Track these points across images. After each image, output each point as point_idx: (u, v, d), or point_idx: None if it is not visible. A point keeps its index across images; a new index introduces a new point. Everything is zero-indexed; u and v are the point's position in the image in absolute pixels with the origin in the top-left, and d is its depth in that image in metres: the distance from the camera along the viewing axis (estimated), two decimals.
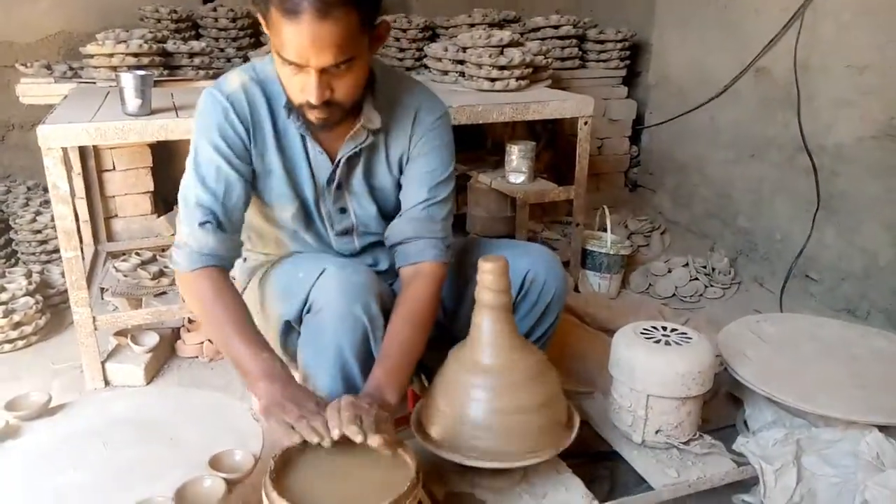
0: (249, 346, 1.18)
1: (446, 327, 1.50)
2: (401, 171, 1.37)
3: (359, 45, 1.13)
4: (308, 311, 1.27)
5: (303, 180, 1.33)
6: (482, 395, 1.19)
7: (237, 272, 1.56)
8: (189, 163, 1.28)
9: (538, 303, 1.43)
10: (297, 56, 1.10)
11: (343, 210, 1.38)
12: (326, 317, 1.23)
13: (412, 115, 1.34)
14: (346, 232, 1.41)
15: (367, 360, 1.27)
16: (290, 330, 1.35)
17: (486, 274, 1.19)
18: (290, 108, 1.24)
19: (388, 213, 1.40)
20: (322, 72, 1.12)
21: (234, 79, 1.28)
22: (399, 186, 1.38)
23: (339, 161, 1.31)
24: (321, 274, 1.26)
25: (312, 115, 1.20)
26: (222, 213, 1.26)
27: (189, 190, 1.26)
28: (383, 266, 1.48)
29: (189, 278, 1.26)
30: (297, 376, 1.34)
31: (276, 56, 1.15)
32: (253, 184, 1.32)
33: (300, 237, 1.42)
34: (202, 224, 1.24)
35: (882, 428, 1.35)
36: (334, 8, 1.05)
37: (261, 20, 1.16)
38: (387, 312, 1.27)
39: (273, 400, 1.10)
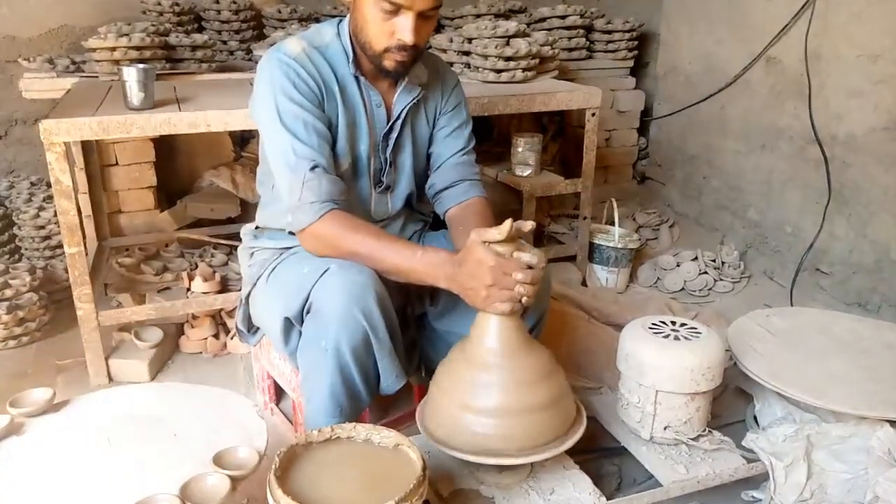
0: (408, 248, 1.25)
1: (433, 325, 1.51)
2: (433, 125, 1.51)
3: None
4: (308, 312, 1.27)
5: (360, 136, 1.41)
6: (489, 391, 1.19)
7: (245, 270, 1.55)
8: (273, 124, 1.30)
9: None
10: None
11: (391, 164, 1.46)
12: (326, 318, 1.23)
13: (438, 75, 1.50)
14: (388, 188, 1.47)
15: (366, 362, 1.27)
16: (290, 327, 1.34)
17: None
18: (357, 62, 1.36)
19: (416, 167, 1.51)
20: (418, 15, 1.24)
21: (294, 45, 1.35)
22: (429, 138, 1.51)
23: (401, 112, 1.42)
24: (324, 273, 1.25)
25: (393, 60, 1.30)
26: (322, 160, 1.30)
27: (286, 149, 1.29)
28: (396, 231, 1.52)
29: (317, 229, 1.28)
30: (297, 377, 1.33)
31: (371, 1, 1.25)
32: None
33: None
34: (312, 169, 1.27)
35: (894, 423, 1.34)
36: None
37: None
38: (387, 313, 1.27)
39: (469, 279, 1.16)
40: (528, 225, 1.17)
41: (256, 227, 1.55)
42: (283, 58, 1.31)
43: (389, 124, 1.42)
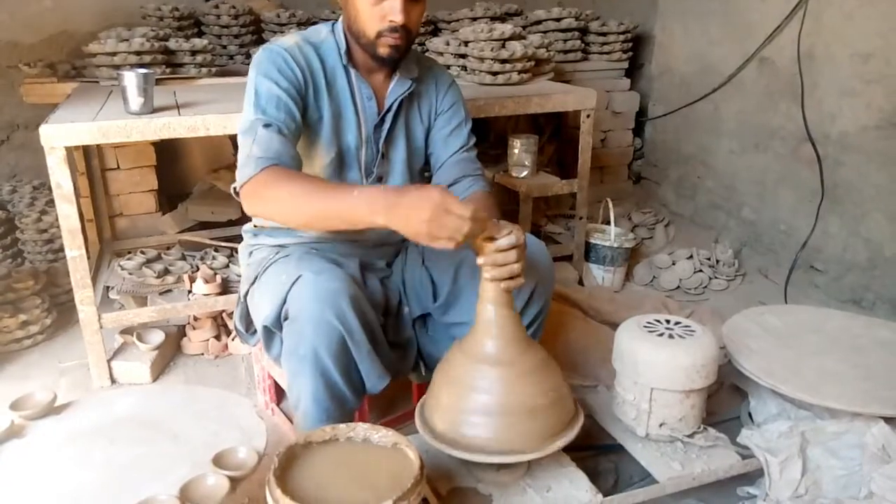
0: (345, 187, 1.19)
1: (438, 319, 1.51)
2: (429, 123, 1.54)
3: None
4: (286, 318, 1.29)
5: (348, 127, 1.43)
6: (486, 389, 1.20)
7: (244, 269, 1.57)
8: (248, 101, 1.33)
9: (522, 290, 1.37)
10: None
11: (383, 155, 1.48)
12: (301, 324, 1.24)
13: (433, 75, 1.54)
14: (379, 179, 1.49)
15: (347, 365, 1.28)
16: (271, 335, 1.37)
17: (489, 266, 1.18)
18: (350, 54, 1.40)
19: (412, 161, 1.53)
20: None
21: (288, 38, 1.41)
22: (425, 138, 1.54)
23: (392, 105, 1.45)
24: (296, 280, 1.26)
25: (386, 44, 1.34)
26: (280, 124, 1.30)
27: (248, 119, 1.31)
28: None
29: (257, 182, 1.22)
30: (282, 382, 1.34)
31: None
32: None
33: None
34: (266, 125, 1.27)
35: (888, 419, 1.35)
36: None
37: None
38: (363, 314, 1.27)
39: (409, 210, 1.06)
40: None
41: (254, 225, 1.57)
42: (274, 47, 1.37)
43: (381, 116, 1.45)
